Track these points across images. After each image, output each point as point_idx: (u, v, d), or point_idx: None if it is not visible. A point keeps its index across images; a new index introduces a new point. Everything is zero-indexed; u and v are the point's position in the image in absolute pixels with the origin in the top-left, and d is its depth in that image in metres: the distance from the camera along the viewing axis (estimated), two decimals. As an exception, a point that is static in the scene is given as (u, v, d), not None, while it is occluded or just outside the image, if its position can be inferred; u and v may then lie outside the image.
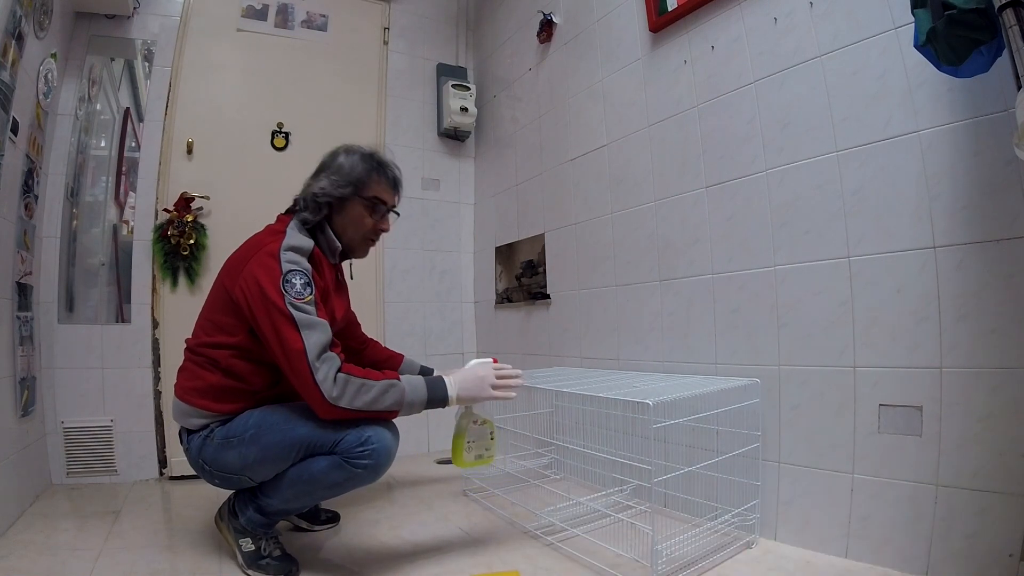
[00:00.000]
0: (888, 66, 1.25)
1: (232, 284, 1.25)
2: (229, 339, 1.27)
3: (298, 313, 1.16)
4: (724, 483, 1.43)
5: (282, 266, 1.21)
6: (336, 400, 1.14)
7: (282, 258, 1.22)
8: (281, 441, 1.22)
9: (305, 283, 1.21)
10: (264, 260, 1.22)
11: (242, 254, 1.30)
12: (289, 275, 1.20)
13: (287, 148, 2.44)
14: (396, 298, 2.62)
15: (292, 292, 1.18)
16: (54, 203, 2.00)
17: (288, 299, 1.17)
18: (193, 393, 1.29)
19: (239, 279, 1.23)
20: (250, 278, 1.21)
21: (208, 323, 1.32)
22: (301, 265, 1.24)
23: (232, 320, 1.27)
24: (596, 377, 1.73)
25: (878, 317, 1.27)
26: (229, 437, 1.25)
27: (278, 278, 1.19)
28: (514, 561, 1.35)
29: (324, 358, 1.15)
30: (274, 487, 1.27)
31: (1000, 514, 1.08)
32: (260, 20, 2.45)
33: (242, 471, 1.26)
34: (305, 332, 1.16)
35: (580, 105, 2.18)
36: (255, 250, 1.26)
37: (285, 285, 1.18)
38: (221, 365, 1.28)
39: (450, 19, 2.96)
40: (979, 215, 1.13)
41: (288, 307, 1.16)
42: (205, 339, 1.31)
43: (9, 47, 1.51)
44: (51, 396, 1.96)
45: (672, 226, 1.77)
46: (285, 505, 1.30)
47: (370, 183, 1.39)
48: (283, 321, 1.16)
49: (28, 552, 1.38)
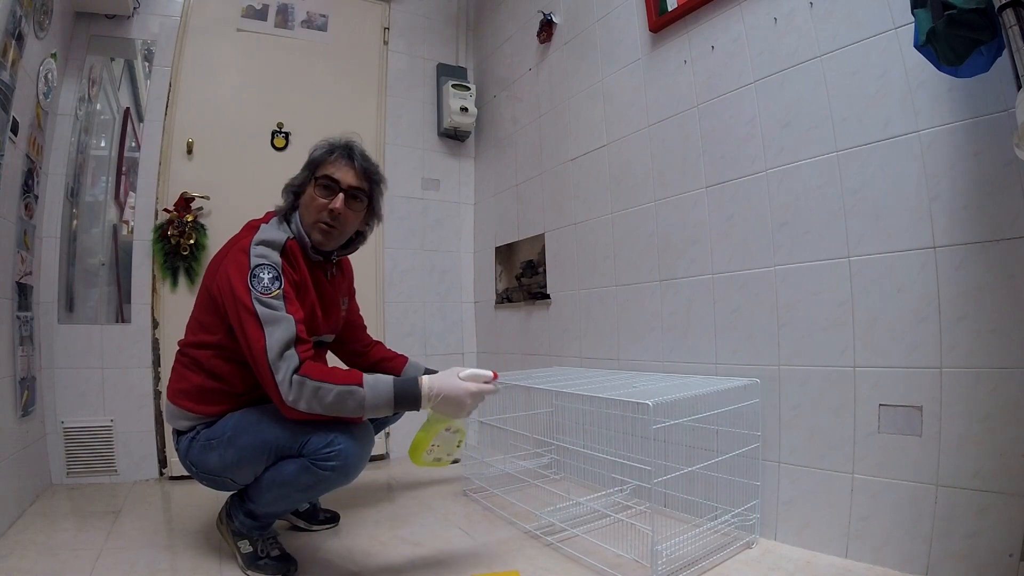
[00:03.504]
0: (888, 66, 1.25)
1: (211, 281, 1.26)
2: (210, 338, 1.27)
3: (262, 308, 1.14)
4: (724, 483, 1.43)
5: (251, 260, 1.18)
6: (293, 403, 1.10)
7: (252, 252, 1.20)
8: (253, 443, 1.21)
9: (273, 277, 1.18)
10: (236, 256, 1.21)
11: (223, 251, 1.31)
12: (257, 269, 1.17)
13: (287, 148, 2.44)
14: (396, 298, 2.62)
15: (259, 287, 1.16)
16: (54, 203, 2.00)
17: (254, 294, 1.15)
18: (179, 394, 1.29)
19: (216, 276, 1.23)
20: (223, 274, 1.20)
21: (195, 322, 1.32)
22: (270, 259, 1.21)
23: (213, 319, 1.26)
24: (596, 377, 1.73)
25: (878, 317, 1.27)
26: (211, 439, 1.25)
27: (246, 272, 1.17)
28: (514, 561, 1.35)
29: (284, 356, 1.11)
30: (255, 490, 1.27)
31: (1000, 514, 1.08)
32: (260, 20, 2.45)
33: (223, 473, 1.26)
34: (268, 328, 1.12)
35: (580, 105, 2.18)
36: (231, 246, 1.26)
37: (252, 280, 1.16)
38: (204, 366, 1.27)
39: (450, 19, 2.96)
40: (979, 215, 1.13)
41: (253, 302, 1.14)
42: (191, 339, 1.31)
43: (9, 47, 1.51)
44: (51, 396, 1.96)
45: (672, 226, 1.77)
46: (268, 508, 1.28)
47: (324, 163, 1.33)
48: (248, 317, 1.14)
49: (28, 552, 1.38)
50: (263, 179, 2.33)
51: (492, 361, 2.67)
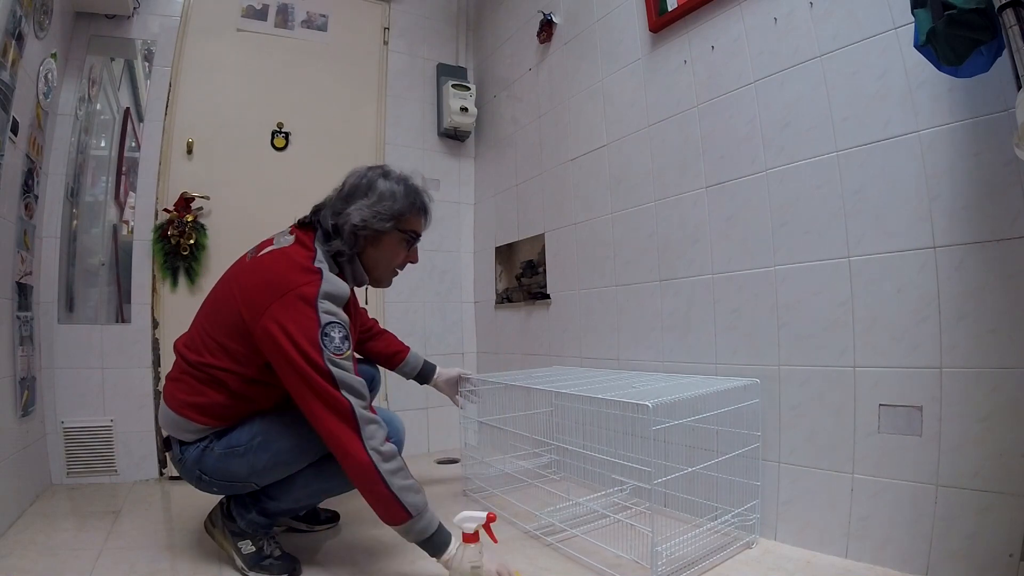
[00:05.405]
0: (888, 66, 1.25)
1: (252, 320, 1.15)
2: (240, 369, 1.21)
3: (338, 371, 1.10)
4: (724, 483, 1.43)
5: (320, 317, 1.12)
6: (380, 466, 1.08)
7: (319, 308, 1.12)
8: (298, 444, 1.22)
9: (343, 337, 1.13)
10: (298, 306, 1.12)
11: (266, 285, 1.17)
12: (328, 328, 1.12)
13: (287, 148, 2.44)
14: (396, 298, 2.62)
15: (331, 347, 1.10)
16: (54, 203, 2.00)
17: (327, 355, 1.09)
18: (193, 409, 1.22)
19: (262, 319, 1.13)
20: (279, 326, 1.11)
21: (213, 342, 1.22)
22: (339, 317, 1.15)
23: (246, 351, 1.19)
24: (596, 377, 1.73)
25: (878, 317, 1.27)
26: (233, 447, 1.23)
27: (315, 331, 1.10)
28: (514, 561, 1.35)
29: (371, 420, 1.11)
30: (283, 489, 1.27)
31: (1000, 514, 1.08)
32: (260, 20, 2.45)
33: (248, 477, 1.25)
34: (345, 391, 1.10)
35: (580, 105, 2.17)
36: (283, 288, 1.14)
37: (324, 339, 1.10)
38: (230, 387, 1.22)
39: (450, 19, 2.96)
40: (979, 215, 1.13)
41: (327, 364, 1.09)
42: (211, 360, 1.22)
43: (9, 47, 1.51)
44: (51, 396, 1.96)
45: (672, 226, 1.77)
46: (294, 505, 1.30)
47: (410, 216, 1.31)
48: (321, 378, 1.09)
49: (28, 552, 1.38)
50: (263, 179, 2.35)
51: (492, 361, 2.67)
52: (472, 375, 1.87)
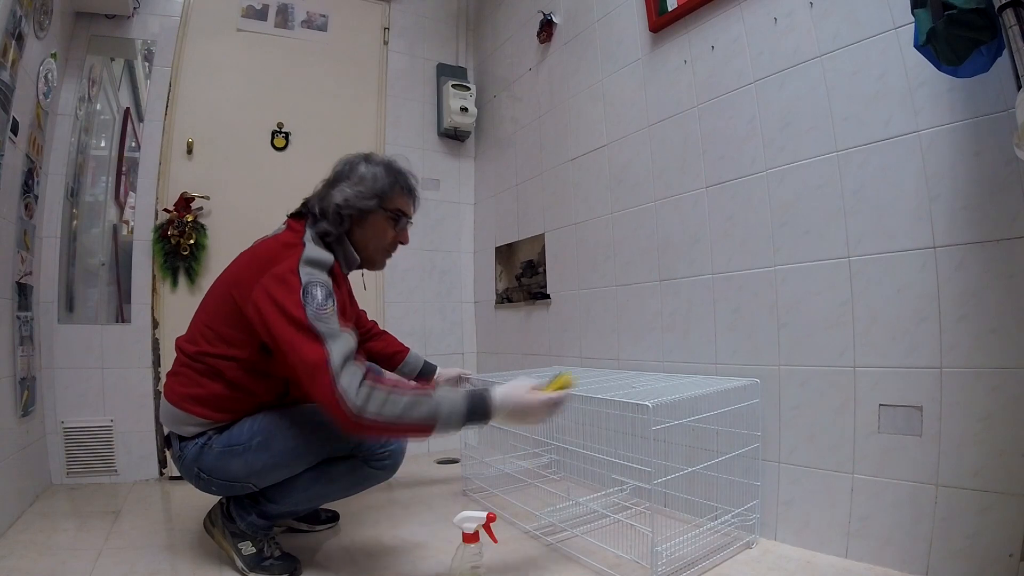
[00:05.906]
0: (888, 66, 1.25)
1: (243, 299, 1.18)
2: (237, 352, 1.22)
3: (321, 324, 1.10)
4: (724, 483, 1.43)
5: (301, 279, 1.14)
6: (360, 410, 1.04)
7: (301, 271, 1.16)
8: (297, 447, 1.21)
9: (326, 295, 1.14)
10: (282, 276, 1.15)
11: (253, 265, 1.22)
12: (309, 287, 1.13)
13: (287, 148, 2.44)
14: (396, 298, 2.62)
15: (313, 304, 1.12)
16: (54, 203, 2.00)
17: (310, 311, 1.10)
18: (191, 401, 1.24)
19: (252, 295, 1.16)
20: (265, 296, 1.14)
21: (210, 332, 1.25)
22: (319, 278, 1.17)
23: (241, 335, 1.21)
24: (596, 377, 1.72)
25: (878, 317, 1.27)
26: (232, 445, 1.23)
27: (297, 291, 1.12)
28: (514, 561, 1.35)
29: (347, 367, 1.08)
30: (284, 491, 1.27)
31: (1000, 514, 1.08)
32: (260, 20, 2.45)
33: (247, 478, 1.24)
34: (330, 343, 1.08)
35: (580, 105, 2.17)
36: (268, 264, 1.18)
37: (306, 298, 1.12)
38: (226, 376, 1.23)
39: (450, 19, 2.96)
40: (979, 215, 1.13)
41: (310, 320, 1.10)
42: (208, 348, 1.24)
43: (9, 47, 1.51)
44: (51, 396, 1.96)
45: (672, 226, 1.77)
46: (294, 507, 1.30)
47: (393, 195, 1.34)
48: (304, 333, 1.09)
49: (28, 552, 1.38)
50: (263, 179, 2.35)
51: (492, 361, 2.67)
52: (472, 375, 1.88)
